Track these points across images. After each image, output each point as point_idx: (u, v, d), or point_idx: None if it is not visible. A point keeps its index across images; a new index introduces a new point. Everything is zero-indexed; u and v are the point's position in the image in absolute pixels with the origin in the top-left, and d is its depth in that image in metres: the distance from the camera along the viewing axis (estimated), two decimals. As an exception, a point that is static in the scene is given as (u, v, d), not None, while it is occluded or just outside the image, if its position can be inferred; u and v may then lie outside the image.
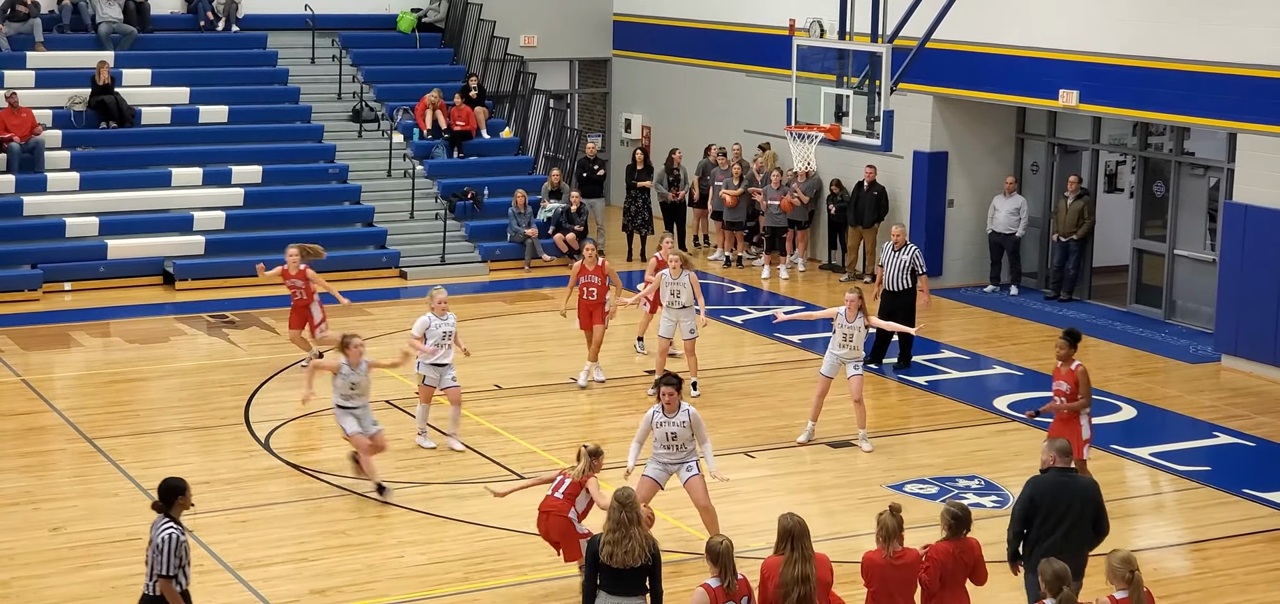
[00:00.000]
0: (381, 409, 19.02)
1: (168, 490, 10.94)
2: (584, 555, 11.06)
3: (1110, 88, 23.26)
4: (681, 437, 14.25)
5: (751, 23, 29.59)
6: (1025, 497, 11.97)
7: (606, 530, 10.87)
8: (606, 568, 10.85)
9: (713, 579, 10.28)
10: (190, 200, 26.96)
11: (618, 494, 10.94)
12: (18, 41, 28.45)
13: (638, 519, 10.90)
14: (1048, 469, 12.11)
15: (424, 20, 32.27)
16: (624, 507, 10.85)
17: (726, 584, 10.23)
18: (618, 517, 10.84)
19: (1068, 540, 11.72)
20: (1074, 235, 25.08)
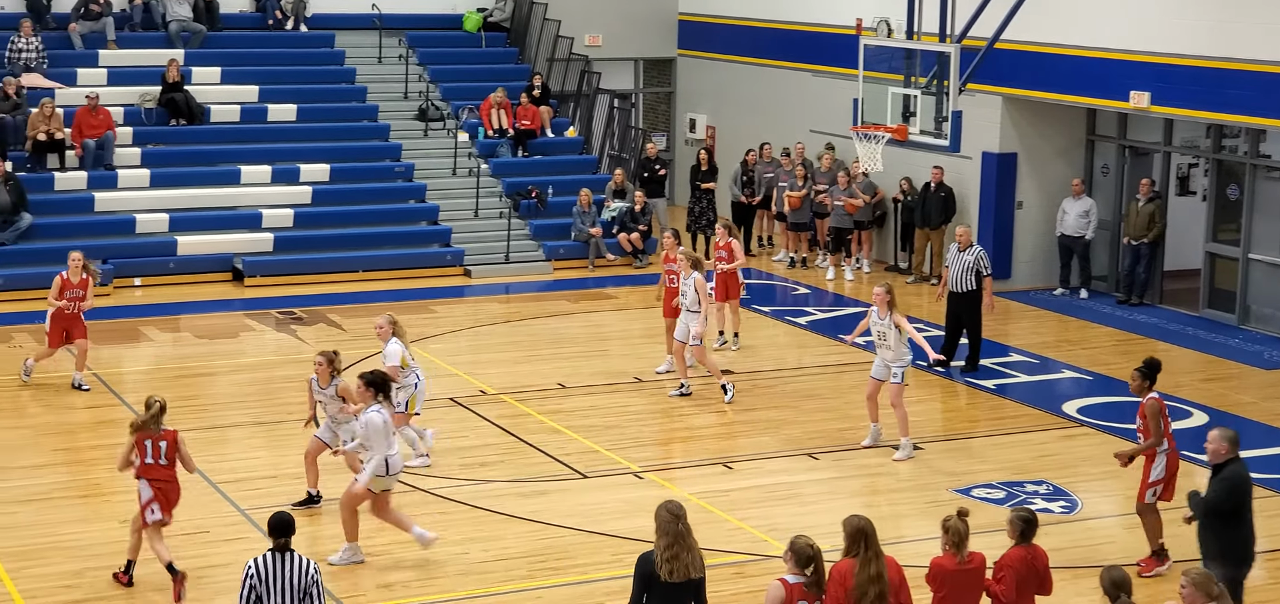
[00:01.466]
0: (444, 407, 19.08)
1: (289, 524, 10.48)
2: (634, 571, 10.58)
3: (1183, 89, 22.99)
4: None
5: (818, 22, 29.46)
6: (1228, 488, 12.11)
7: (661, 545, 10.31)
8: (665, 584, 10.27)
9: (792, 575, 10.13)
10: (259, 198, 27.12)
11: (669, 506, 10.43)
12: (91, 40, 28.74)
13: (690, 529, 10.42)
14: (1226, 460, 12.19)
15: (490, 20, 32.33)
16: (678, 518, 10.33)
17: (809, 582, 10.10)
18: (674, 529, 10.31)
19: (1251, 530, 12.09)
20: (1145, 238, 24.83)
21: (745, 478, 16.81)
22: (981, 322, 21.08)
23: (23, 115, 26.41)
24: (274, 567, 10.27)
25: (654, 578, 10.28)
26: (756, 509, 15.76)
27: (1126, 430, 18.75)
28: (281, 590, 10.20)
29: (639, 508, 15.32)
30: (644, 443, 18.11)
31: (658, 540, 10.33)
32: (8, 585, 13.62)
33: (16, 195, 25.02)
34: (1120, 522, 15.96)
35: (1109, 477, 17.23)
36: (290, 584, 10.20)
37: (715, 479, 16.71)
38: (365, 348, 21.70)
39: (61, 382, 19.85)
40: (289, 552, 10.34)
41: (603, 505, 15.81)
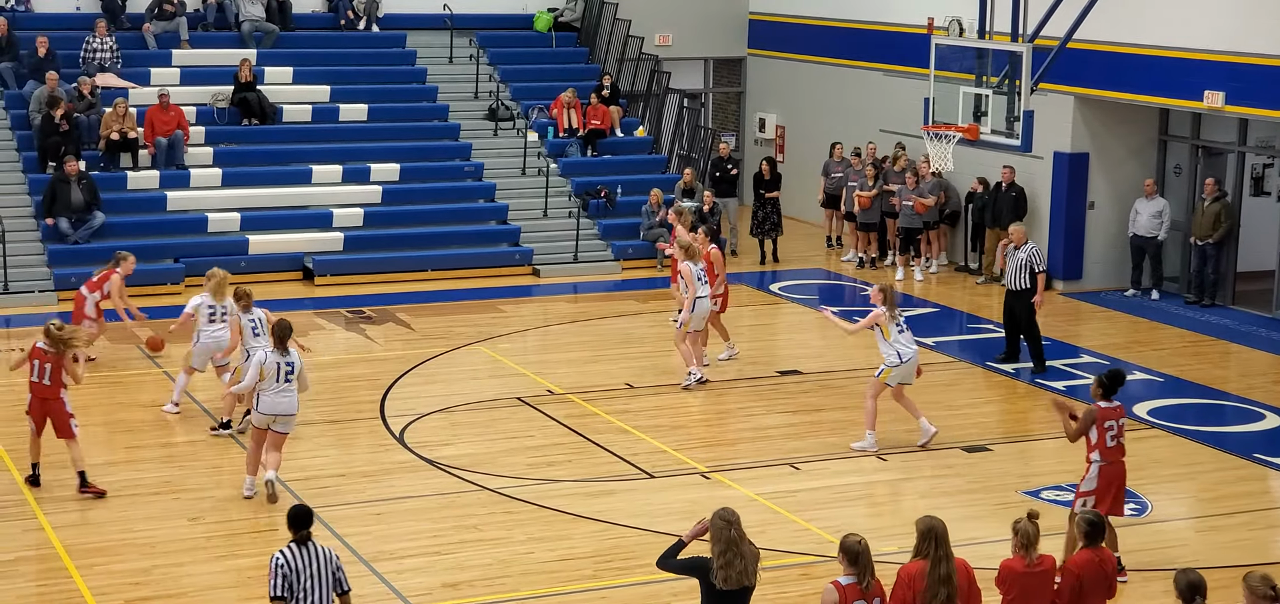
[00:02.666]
0: (511, 406, 19.14)
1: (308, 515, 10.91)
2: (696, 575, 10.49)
3: (1258, 89, 22.74)
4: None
5: (889, 21, 29.34)
6: None
7: (716, 552, 10.20)
8: (722, 593, 10.18)
9: (845, 577, 10.11)
10: (330, 197, 27.29)
11: (722, 513, 10.32)
12: (164, 40, 29.01)
13: (744, 535, 10.27)
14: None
15: (560, 19, 32.39)
16: (731, 525, 10.21)
17: (864, 584, 10.08)
18: (727, 536, 10.18)
19: None
20: (1211, 238, 24.59)
21: (812, 479, 16.77)
22: (1035, 320, 20.96)
23: (97, 115, 26.71)
24: (301, 557, 10.70)
25: (710, 585, 10.22)
26: (823, 510, 15.72)
27: (1194, 430, 18.63)
28: (312, 577, 10.65)
29: (706, 508, 15.19)
30: (711, 443, 18.10)
31: (712, 547, 10.25)
32: (77, 582, 13.78)
33: (90, 194, 25.30)
34: (1191, 524, 15.82)
35: (1180, 479, 17.10)
36: (319, 571, 10.67)
37: (782, 480, 16.68)
38: (433, 347, 21.83)
39: (133, 380, 20.06)
40: (310, 541, 10.77)
41: (669, 505, 15.81)
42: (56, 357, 15.73)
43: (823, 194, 29.34)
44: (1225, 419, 19.53)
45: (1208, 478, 17.13)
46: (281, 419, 15.70)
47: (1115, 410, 13.94)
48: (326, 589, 10.68)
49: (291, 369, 15.60)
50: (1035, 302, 20.80)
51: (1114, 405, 13.97)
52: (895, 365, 17.42)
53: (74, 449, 15.84)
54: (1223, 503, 16.39)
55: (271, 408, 15.59)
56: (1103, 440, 13.78)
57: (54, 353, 15.72)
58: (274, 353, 15.62)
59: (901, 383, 17.59)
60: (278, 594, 10.62)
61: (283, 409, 15.62)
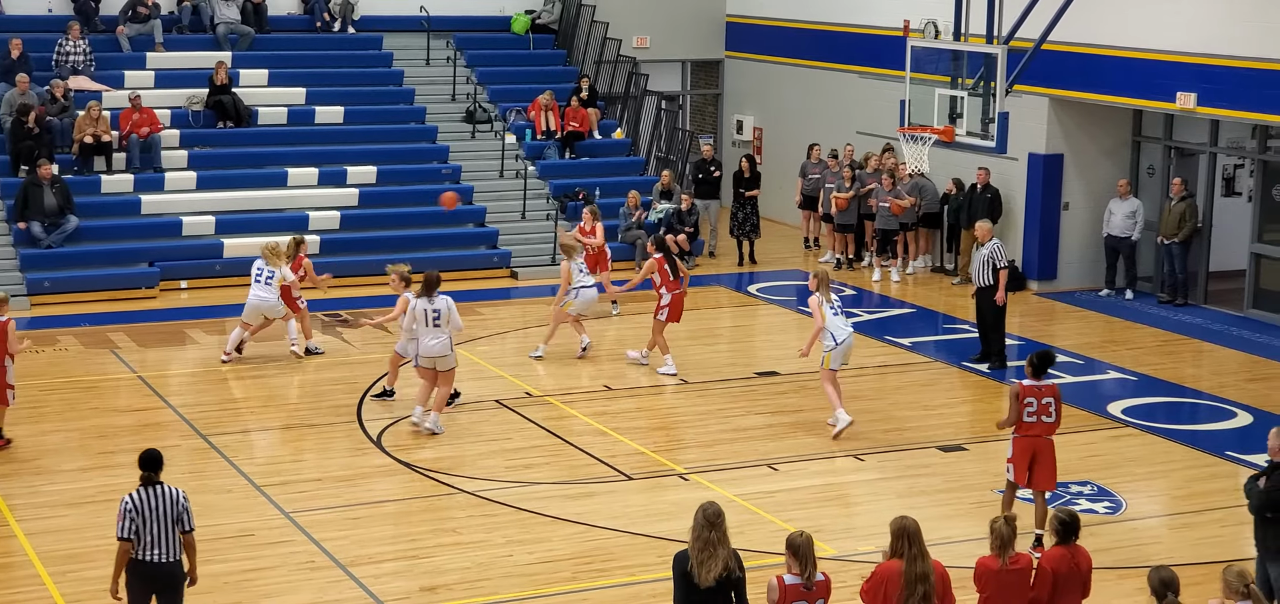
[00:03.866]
0: (489, 409, 19.16)
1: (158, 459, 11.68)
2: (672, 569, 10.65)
3: (1229, 90, 22.87)
4: None
5: (865, 24, 29.42)
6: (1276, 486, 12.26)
7: (693, 548, 10.38)
8: (694, 587, 10.36)
9: (789, 575, 10.20)
10: (306, 200, 27.25)
11: (705, 509, 10.47)
12: (138, 42, 28.95)
13: (725, 537, 10.41)
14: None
15: (537, 22, 32.41)
16: (712, 525, 10.36)
17: (806, 580, 10.17)
18: (705, 535, 10.35)
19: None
20: (1176, 238, 24.73)
21: (790, 479, 16.82)
22: (1002, 317, 21.06)
23: (70, 118, 26.62)
24: (147, 499, 11.43)
25: (689, 578, 10.38)
26: (801, 511, 15.76)
27: (1167, 429, 18.75)
28: (158, 518, 11.38)
29: (684, 510, 15.29)
30: (689, 444, 18.14)
31: (691, 542, 10.42)
32: (51, 589, 13.74)
33: (63, 198, 25.20)
34: (1165, 522, 15.92)
35: (1153, 477, 17.20)
36: (164, 511, 11.41)
37: (760, 480, 16.72)
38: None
39: (108, 383, 20.05)
40: (159, 484, 11.52)
41: (648, 507, 15.85)
42: None
43: (800, 196, 29.43)
44: (1198, 418, 19.65)
45: (1180, 476, 17.23)
46: (440, 359, 17.62)
47: (1038, 389, 14.49)
48: (170, 527, 11.40)
49: (438, 314, 17.53)
50: (996, 299, 20.87)
51: (1040, 384, 14.51)
52: (832, 348, 17.95)
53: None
54: (1195, 500, 16.49)
55: (428, 351, 17.61)
56: (1021, 415, 14.46)
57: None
58: (423, 299, 17.60)
59: (841, 364, 18.09)
60: (124, 535, 11.36)
61: (436, 350, 17.59)
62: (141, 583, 11.46)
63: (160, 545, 11.37)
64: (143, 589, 11.48)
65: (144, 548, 11.37)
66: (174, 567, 11.48)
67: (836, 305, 18.24)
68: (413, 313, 17.75)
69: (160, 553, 11.38)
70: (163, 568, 11.40)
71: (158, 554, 11.38)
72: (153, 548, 11.37)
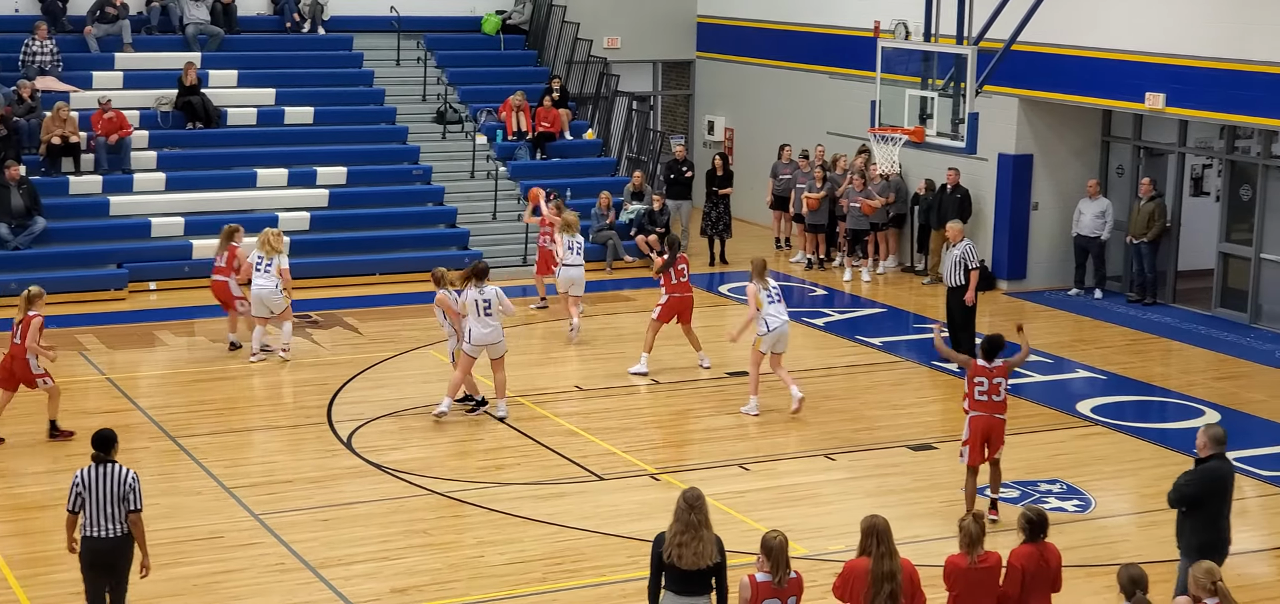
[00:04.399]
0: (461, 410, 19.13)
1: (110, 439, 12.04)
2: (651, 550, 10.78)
3: (1197, 91, 22.99)
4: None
5: (836, 24, 29.48)
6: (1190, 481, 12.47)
7: (674, 531, 10.55)
8: (674, 569, 10.54)
9: (761, 573, 10.24)
10: (275, 201, 27.19)
11: (686, 495, 10.63)
12: (107, 43, 28.83)
13: (706, 520, 10.59)
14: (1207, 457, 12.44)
15: (508, 22, 32.39)
16: (692, 508, 10.53)
17: (778, 580, 10.21)
18: (686, 518, 10.52)
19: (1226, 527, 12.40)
20: (1145, 238, 24.84)
21: (761, 479, 16.84)
22: (972, 317, 21.13)
23: (37, 119, 26.48)
24: (95, 475, 11.82)
25: (666, 561, 10.53)
26: (772, 510, 15.77)
27: (1136, 427, 18.83)
28: (103, 493, 11.76)
29: (655, 510, 15.37)
30: (660, 445, 18.15)
31: (671, 526, 10.59)
32: (17, 592, 13.67)
33: (30, 199, 25.09)
34: (1134, 520, 15.98)
35: (1123, 475, 17.27)
36: (109, 489, 11.77)
37: (731, 480, 16.74)
38: (381, 351, 21.79)
39: (76, 386, 19.96)
40: (110, 462, 11.88)
41: (619, 507, 15.86)
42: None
43: (771, 196, 29.46)
44: (1166, 416, 19.74)
45: (1149, 474, 17.30)
46: (491, 347, 18.22)
47: (989, 370, 15.16)
48: (116, 505, 11.76)
49: (489, 303, 18.11)
50: (966, 299, 20.93)
51: (991, 366, 15.17)
52: (764, 334, 18.63)
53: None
54: (1164, 498, 16.46)
55: (479, 338, 18.15)
56: (971, 394, 15.22)
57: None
58: (473, 290, 18.14)
59: (774, 349, 18.75)
60: (71, 508, 11.88)
61: (488, 338, 18.17)
62: (89, 557, 11.89)
63: (105, 522, 11.76)
64: (91, 564, 11.91)
65: (89, 523, 11.79)
66: (118, 542, 11.84)
67: (774, 293, 18.88)
68: (464, 304, 18.24)
69: (105, 529, 11.77)
70: (107, 543, 11.79)
71: (102, 530, 11.77)
72: (97, 524, 11.77)
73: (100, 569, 11.90)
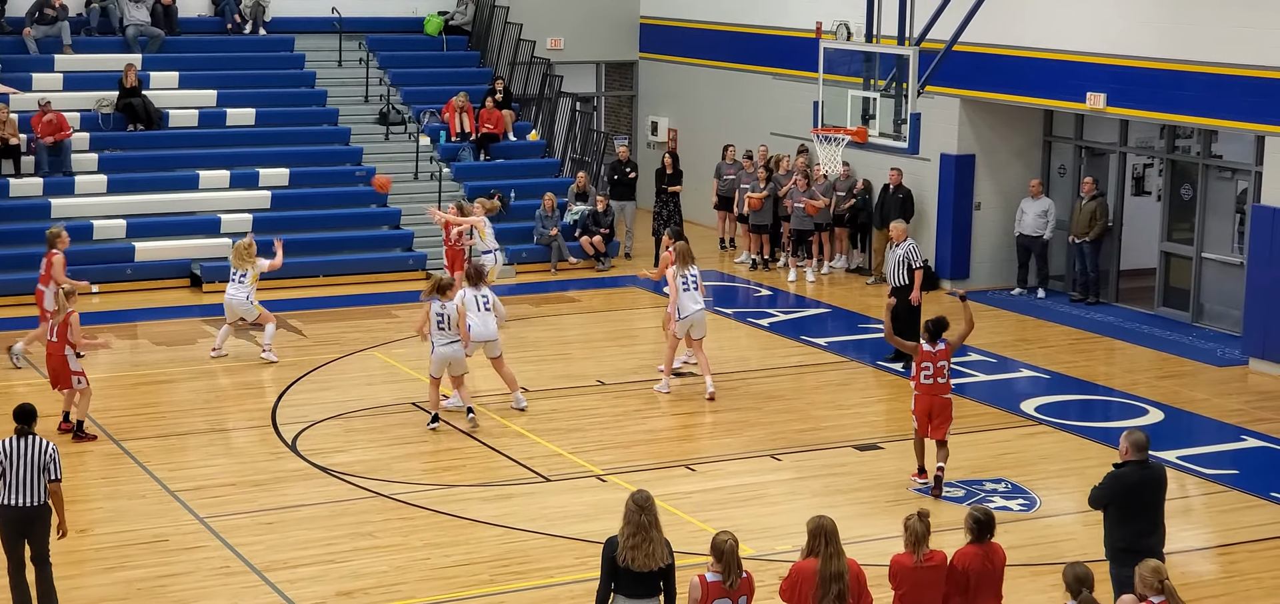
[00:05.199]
0: (406, 411, 19.09)
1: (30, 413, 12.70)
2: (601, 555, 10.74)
3: (1137, 90, 23.18)
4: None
5: (778, 25, 29.56)
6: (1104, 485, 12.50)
7: (625, 534, 10.48)
8: (627, 572, 10.48)
9: (711, 574, 10.25)
10: (217, 203, 27.04)
11: (635, 496, 10.58)
12: (46, 45, 28.58)
13: (656, 522, 10.56)
14: (1125, 461, 12.44)
15: (451, 23, 32.32)
16: (642, 510, 10.48)
17: (729, 582, 10.22)
18: (637, 520, 10.46)
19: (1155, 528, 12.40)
20: (1088, 237, 25.04)
21: (708, 480, 16.86)
22: (917, 316, 21.23)
23: (-22, 121, 26.27)
24: (16, 447, 12.42)
25: (619, 565, 10.44)
26: (720, 511, 15.80)
27: (1080, 426, 18.96)
28: (24, 464, 12.36)
29: (602, 511, 15.37)
30: (607, 446, 18.13)
31: (622, 529, 10.51)
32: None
33: (-28, 202, 24.88)
34: (1079, 519, 16.07)
35: (1067, 474, 17.38)
36: (30, 460, 12.38)
37: (678, 481, 16.75)
38: (325, 353, 21.71)
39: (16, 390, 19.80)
40: (31, 434, 12.48)
41: (566, 509, 15.85)
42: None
43: (716, 196, 29.51)
44: (1110, 415, 19.89)
45: (1094, 473, 17.24)
46: (488, 344, 18.94)
47: (933, 354, 16.09)
48: (37, 475, 12.35)
49: (487, 300, 18.92)
50: (912, 299, 21.04)
51: (935, 349, 16.08)
52: (679, 319, 19.54)
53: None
54: (1109, 497, 16.65)
55: (477, 335, 18.67)
56: (918, 376, 16.20)
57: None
58: (471, 290, 18.81)
59: (691, 333, 19.62)
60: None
61: (485, 335, 18.76)
62: (8, 527, 12.48)
63: (25, 491, 12.35)
64: (11, 533, 12.51)
65: (9, 492, 12.34)
66: (37, 511, 12.44)
67: (691, 280, 19.59)
68: (463, 303, 18.46)
69: (24, 498, 12.36)
70: (25, 511, 12.39)
71: (21, 499, 12.35)
72: (17, 493, 12.35)
73: (17, 535, 12.51)
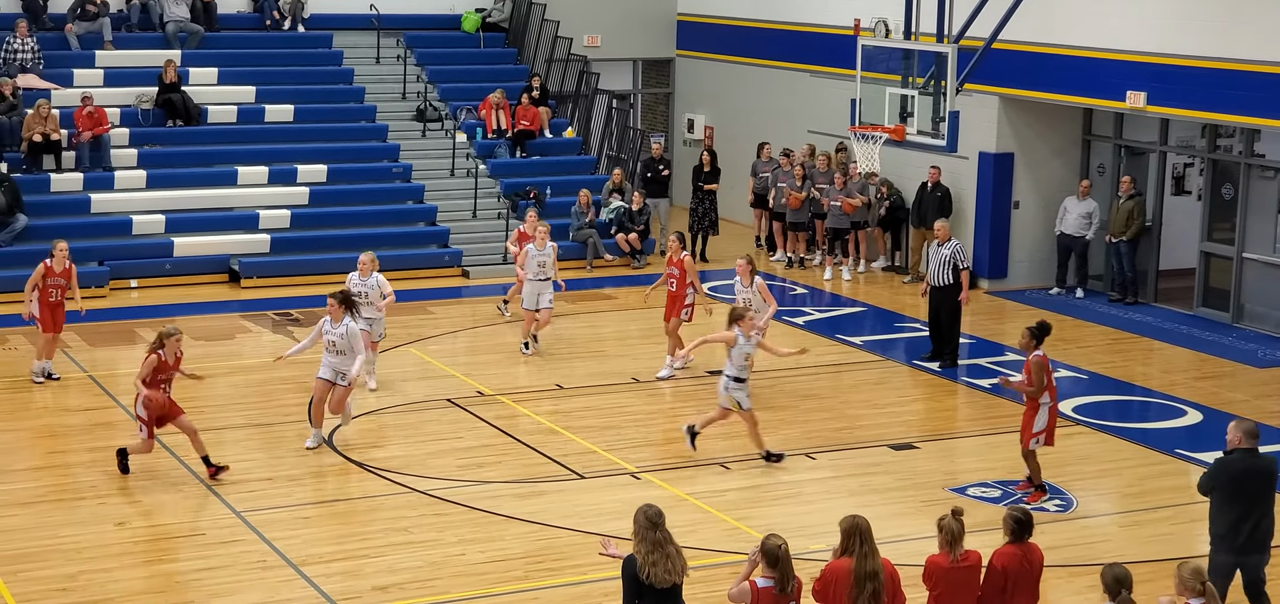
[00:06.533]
0: (441, 407, 19.11)
1: None
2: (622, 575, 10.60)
3: (1178, 89, 23.03)
4: (340, 345, 17.07)
5: (816, 23, 29.49)
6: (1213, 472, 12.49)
7: (642, 551, 10.33)
8: (651, 589, 10.32)
9: (763, 579, 10.16)
10: (256, 199, 27.13)
11: (647, 512, 10.45)
12: (87, 41, 28.74)
13: (671, 537, 10.43)
14: (1233, 449, 12.41)
15: (488, 20, 32.35)
16: (655, 525, 10.36)
17: (784, 588, 10.13)
18: (652, 536, 10.32)
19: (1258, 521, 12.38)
20: (1124, 236, 24.90)
21: (742, 478, 16.83)
22: (959, 316, 21.19)
23: (19, 116, 26.41)
24: None
25: (642, 582, 10.31)
26: (754, 509, 15.78)
27: (1117, 427, 18.85)
28: None
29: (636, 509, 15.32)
30: (641, 443, 18.12)
31: (637, 547, 10.37)
32: (1, 589, 13.63)
33: (12, 197, 25.01)
34: (1116, 520, 16.01)
35: (1105, 475, 17.29)
36: None
37: (712, 479, 16.73)
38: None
39: (58, 383, 19.89)
40: None
41: (600, 506, 15.84)
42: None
43: (751, 194, 29.45)
44: (1148, 416, 19.78)
45: (1131, 474, 17.34)
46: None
47: (1046, 358, 15.89)
48: None
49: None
50: (961, 299, 21.00)
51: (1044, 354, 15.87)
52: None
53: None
54: (1146, 498, 16.60)
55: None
56: (1051, 384, 15.84)
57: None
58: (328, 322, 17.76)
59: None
60: None
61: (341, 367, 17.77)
62: None
63: None
64: None
65: None
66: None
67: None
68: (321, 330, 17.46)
69: None
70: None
71: None
72: None
73: None
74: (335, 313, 17.32)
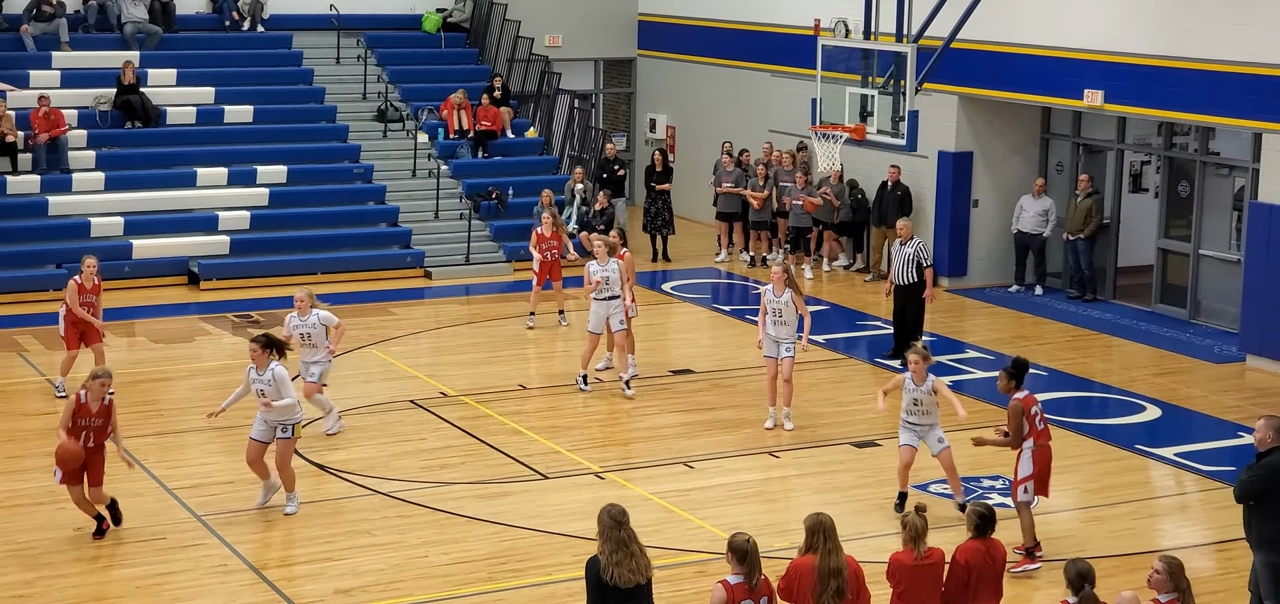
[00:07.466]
0: (404, 409, 19.07)
1: None
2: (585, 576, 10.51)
3: (1135, 88, 23.17)
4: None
5: (776, 22, 29.55)
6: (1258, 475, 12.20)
7: (606, 552, 10.22)
8: (615, 589, 10.21)
9: (733, 575, 10.18)
10: (215, 200, 27.02)
11: (611, 511, 10.35)
12: (43, 41, 28.55)
13: (634, 536, 10.33)
14: (1270, 448, 12.21)
15: (449, 20, 32.30)
16: (619, 524, 10.26)
17: (752, 582, 10.16)
18: (616, 536, 10.22)
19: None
20: (1082, 233, 25.04)
21: (706, 477, 16.85)
22: (923, 314, 21.26)
23: (-25, 119, 26.24)
24: None
25: (606, 583, 10.23)
26: (717, 508, 15.80)
27: (1077, 423, 18.94)
28: None
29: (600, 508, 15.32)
30: (604, 443, 18.13)
31: (601, 547, 10.28)
32: (-36, 592, 13.56)
33: (-30, 200, 24.85)
34: (1077, 515, 16.09)
35: (1065, 471, 17.35)
36: None
37: (676, 478, 16.75)
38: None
39: (15, 388, 19.77)
40: None
41: (564, 506, 15.83)
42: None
43: (716, 209, 29.08)
44: (1108, 412, 19.88)
45: (1092, 469, 17.43)
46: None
47: (1031, 398, 14.59)
48: None
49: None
50: (925, 296, 21.08)
51: (1027, 394, 14.60)
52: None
53: None
54: (1107, 493, 16.70)
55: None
56: (1033, 427, 14.45)
57: None
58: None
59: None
60: None
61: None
62: None
63: None
64: None
65: None
66: None
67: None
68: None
69: None
70: None
71: None
72: None
73: None
74: (258, 359, 15.12)
